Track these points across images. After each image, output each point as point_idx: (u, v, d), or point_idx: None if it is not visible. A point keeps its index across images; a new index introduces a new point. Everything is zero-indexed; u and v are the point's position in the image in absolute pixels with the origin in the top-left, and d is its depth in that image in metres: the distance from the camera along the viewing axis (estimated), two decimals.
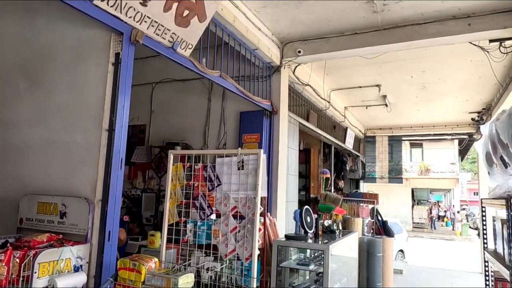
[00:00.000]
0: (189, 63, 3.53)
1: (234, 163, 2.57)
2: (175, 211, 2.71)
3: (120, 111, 2.75)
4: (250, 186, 2.49)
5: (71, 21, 3.06)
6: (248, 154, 2.55)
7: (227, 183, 2.61)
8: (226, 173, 2.61)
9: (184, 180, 2.74)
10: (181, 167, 2.77)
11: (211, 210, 2.63)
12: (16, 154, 3.15)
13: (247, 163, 2.53)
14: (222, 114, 5.56)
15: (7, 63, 3.39)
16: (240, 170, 2.54)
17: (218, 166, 2.65)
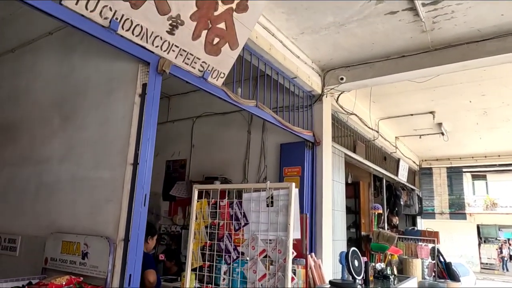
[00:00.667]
0: (222, 92, 3.36)
1: (262, 199, 2.28)
2: (198, 253, 2.44)
3: (145, 144, 2.59)
4: (280, 226, 2.17)
5: (104, 55, 3.04)
6: (278, 188, 2.24)
7: (255, 222, 2.30)
8: (254, 210, 2.31)
9: (208, 218, 2.48)
10: (206, 204, 2.52)
11: (237, 253, 2.32)
12: (47, 191, 3.09)
13: (277, 198, 2.22)
14: (262, 146, 5.32)
15: (46, 101, 3.43)
16: (269, 207, 2.24)
17: (245, 203, 2.37)
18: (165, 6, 2.57)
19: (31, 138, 3.40)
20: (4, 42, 4.11)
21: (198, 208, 2.50)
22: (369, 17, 3.84)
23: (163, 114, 6.63)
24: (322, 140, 4.90)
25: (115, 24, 2.39)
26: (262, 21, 3.82)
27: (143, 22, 2.53)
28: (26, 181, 3.29)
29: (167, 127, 6.52)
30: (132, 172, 2.57)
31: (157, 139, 6.53)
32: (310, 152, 4.87)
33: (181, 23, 2.72)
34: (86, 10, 2.25)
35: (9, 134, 3.63)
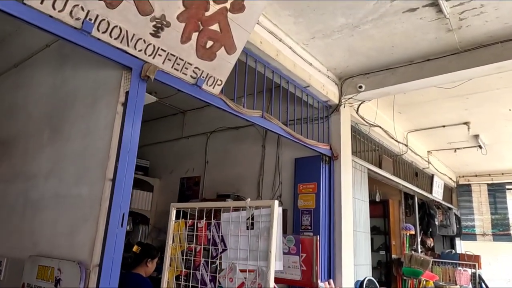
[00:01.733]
0: (220, 101, 3.08)
1: (242, 220, 1.93)
2: (174, 284, 2.11)
3: (124, 156, 2.33)
4: (261, 254, 1.80)
5: (91, 63, 2.85)
6: (259, 207, 1.89)
7: (233, 248, 1.95)
8: (233, 233, 1.97)
9: (185, 242, 2.16)
10: (183, 225, 2.21)
11: (214, 285, 1.97)
12: (33, 209, 2.89)
13: (258, 219, 1.87)
14: (277, 162, 4.97)
15: (39, 114, 3.28)
16: (249, 230, 1.89)
17: (224, 224, 2.03)
18: (147, 5, 2.34)
19: (24, 153, 3.25)
20: (9, 57, 4.06)
21: (176, 230, 2.19)
22: (385, 16, 3.47)
23: (178, 129, 6.46)
24: (340, 154, 4.49)
25: (89, 25, 2.18)
26: (267, 25, 3.55)
27: (122, 24, 2.31)
28: (15, 198, 3.12)
29: (182, 143, 6.33)
30: (110, 189, 2.30)
31: (171, 156, 6.36)
32: (327, 167, 4.47)
33: (166, 24, 2.48)
34: (54, 10, 2.05)
35: (5, 149, 3.51)
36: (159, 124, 6.88)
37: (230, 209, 1.95)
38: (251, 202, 1.92)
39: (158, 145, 6.68)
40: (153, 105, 6.10)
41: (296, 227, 4.39)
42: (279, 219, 1.81)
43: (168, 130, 6.62)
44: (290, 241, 3.24)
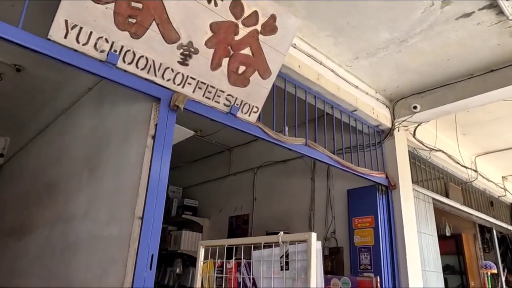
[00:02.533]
0: (257, 130, 2.88)
1: (275, 259, 1.62)
2: None
3: (152, 192, 2.16)
4: None
5: (126, 99, 2.81)
6: (294, 241, 1.57)
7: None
8: (266, 275, 1.66)
9: (214, 286, 1.87)
10: (212, 266, 1.94)
11: None
12: (69, 252, 2.80)
13: (294, 257, 1.55)
14: (328, 195, 4.60)
15: (80, 156, 3.29)
16: (284, 271, 1.56)
17: (256, 264, 1.73)
18: (172, 33, 2.26)
19: (66, 195, 3.23)
20: (60, 104, 4.24)
21: (204, 272, 1.93)
22: (435, 25, 3.14)
23: (225, 167, 6.34)
24: (398, 183, 4.03)
25: (114, 57, 2.12)
26: (305, 48, 3.36)
27: (148, 53, 2.23)
28: (56, 241, 3.07)
29: (229, 180, 6.18)
30: (140, 228, 2.13)
31: (219, 194, 6.20)
32: (384, 197, 4.01)
33: (194, 51, 2.38)
34: (78, 43, 2.02)
35: (52, 193, 3.55)
36: (206, 163, 6.83)
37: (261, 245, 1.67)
38: (285, 236, 1.62)
39: (206, 184, 6.58)
40: (199, 144, 6.11)
41: (354, 267, 3.92)
42: (319, 255, 1.48)
43: (215, 168, 6.53)
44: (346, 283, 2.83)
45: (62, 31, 1.95)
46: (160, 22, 2.20)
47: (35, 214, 3.75)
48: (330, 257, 4.28)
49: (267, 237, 1.70)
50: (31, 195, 4.14)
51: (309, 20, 3.11)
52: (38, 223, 3.59)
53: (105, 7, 2.01)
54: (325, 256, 4.35)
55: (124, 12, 2.07)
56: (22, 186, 4.61)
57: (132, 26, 2.12)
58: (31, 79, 4.34)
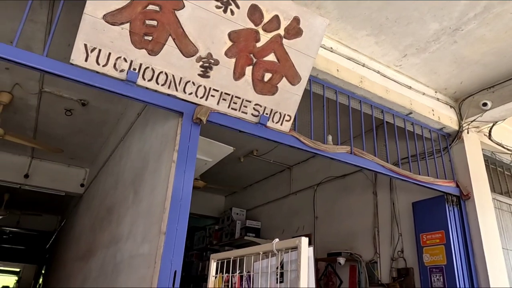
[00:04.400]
0: (292, 139, 2.72)
1: (272, 270, 1.41)
2: None
3: (175, 206, 2.11)
4: None
5: (161, 118, 2.87)
6: (288, 249, 1.34)
7: None
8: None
9: None
10: (220, 281, 1.77)
11: None
12: (115, 273, 2.87)
13: (287, 267, 1.33)
14: (393, 209, 4.18)
15: (128, 179, 3.42)
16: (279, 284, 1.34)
17: (255, 277, 1.53)
18: (190, 46, 2.26)
19: (118, 218, 3.36)
20: (119, 134, 4.52)
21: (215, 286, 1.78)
22: (491, 7, 2.74)
23: (286, 186, 6.17)
24: (472, 192, 3.50)
25: (133, 75, 2.17)
26: (343, 51, 3.15)
27: (167, 69, 2.25)
28: (108, 263, 3.18)
29: (291, 200, 5.98)
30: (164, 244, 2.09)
31: (281, 214, 6.04)
32: (456, 209, 3.51)
33: (214, 62, 2.34)
34: (98, 65, 2.10)
35: (109, 217, 3.72)
36: (268, 183, 6.73)
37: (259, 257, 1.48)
38: (279, 243, 1.41)
39: (269, 204, 6.46)
40: (259, 165, 6.06)
41: None
42: (311, 264, 1.26)
43: (276, 188, 6.40)
44: None
45: (82, 55, 2.05)
46: (176, 37, 2.21)
47: (98, 238, 3.96)
48: (398, 279, 3.83)
49: (263, 245, 1.52)
50: (96, 220, 4.41)
51: (343, 21, 2.93)
52: (99, 246, 3.78)
53: (121, 27, 2.08)
54: (393, 278, 3.91)
55: (140, 31, 2.12)
56: (92, 212, 4.94)
57: (148, 43, 2.16)
58: (96, 113, 4.72)
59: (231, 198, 7.92)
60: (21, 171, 6.29)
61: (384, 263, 4.09)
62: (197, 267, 7.12)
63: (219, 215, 7.51)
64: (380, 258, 4.15)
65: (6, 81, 4.14)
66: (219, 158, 3.34)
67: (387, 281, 3.95)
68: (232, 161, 5.84)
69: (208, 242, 7.18)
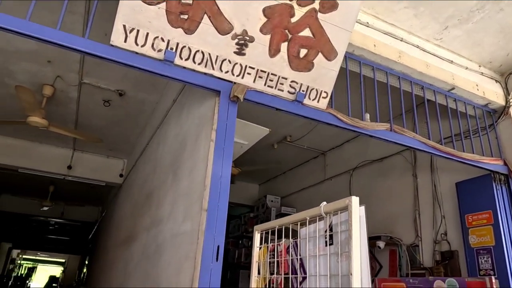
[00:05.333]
0: (329, 116, 2.66)
1: (320, 234, 1.38)
2: None
3: (216, 183, 2.13)
4: (343, 280, 1.18)
5: (197, 100, 2.89)
6: (337, 210, 1.30)
7: (313, 275, 1.38)
8: (312, 254, 1.41)
9: (267, 272, 1.68)
10: (265, 251, 1.76)
11: None
12: (157, 254, 2.94)
13: (337, 229, 1.29)
14: (434, 191, 4.03)
15: (166, 164, 3.48)
16: (329, 246, 1.31)
17: (302, 243, 1.49)
18: (225, 24, 2.25)
19: (157, 201, 3.44)
20: (155, 122, 4.62)
21: (260, 258, 1.77)
22: None
23: (321, 172, 6.11)
24: None
25: (171, 54, 2.19)
26: (380, 26, 3.05)
27: (204, 47, 2.26)
28: (150, 244, 3.26)
29: (326, 185, 5.91)
30: (206, 221, 2.11)
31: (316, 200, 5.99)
32: (504, 188, 3.34)
33: (250, 39, 2.32)
34: (137, 45, 2.14)
35: (149, 202, 3.82)
36: (302, 170, 6.68)
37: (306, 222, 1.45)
38: (327, 206, 1.38)
39: (303, 191, 6.42)
40: (293, 151, 6.02)
41: (473, 273, 3.30)
42: (363, 223, 1.21)
43: (311, 174, 6.34)
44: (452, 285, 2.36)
45: (121, 36, 2.09)
46: (211, 15, 2.21)
47: (138, 223, 4.08)
48: (442, 262, 3.70)
49: (310, 210, 1.50)
50: (136, 207, 4.54)
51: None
52: (139, 230, 3.89)
53: (157, 7, 2.10)
54: (437, 261, 3.78)
55: (176, 10, 2.13)
56: (131, 200, 5.10)
57: (184, 22, 2.17)
58: (132, 103, 4.84)
59: (265, 186, 7.93)
60: (65, 162, 6.57)
61: (426, 247, 3.96)
62: (233, 254, 7.21)
63: (253, 203, 7.55)
64: (422, 242, 4.03)
65: (49, 74, 4.32)
66: (254, 141, 3.33)
67: (430, 264, 3.83)
68: (265, 148, 5.84)
69: (243, 230, 7.24)
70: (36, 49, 3.81)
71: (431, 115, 3.23)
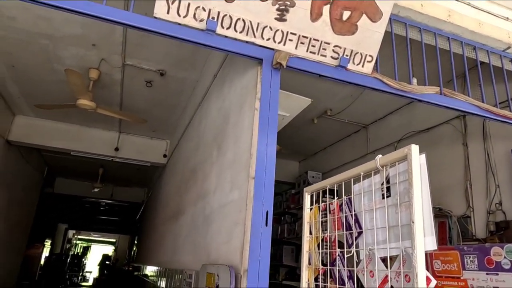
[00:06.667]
0: (374, 81, 2.57)
1: (376, 188, 1.33)
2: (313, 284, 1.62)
3: (262, 151, 2.14)
4: (403, 229, 1.14)
5: (240, 72, 2.89)
6: (394, 162, 1.24)
7: (370, 228, 1.34)
8: (368, 208, 1.37)
9: (319, 231, 1.66)
10: (317, 211, 1.74)
11: (352, 283, 1.37)
12: (206, 224, 3.03)
13: (395, 180, 1.23)
14: (488, 160, 3.83)
15: (210, 138, 3.54)
16: (386, 199, 1.26)
17: (357, 199, 1.46)
18: None
19: (203, 176, 3.52)
20: (196, 100, 4.69)
21: (311, 219, 1.75)
22: None
23: (363, 146, 5.98)
24: None
25: (212, 24, 2.19)
26: None
27: (244, 15, 2.24)
28: (197, 217, 3.36)
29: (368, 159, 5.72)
30: (254, 188, 2.13)
31: None
32: None
33: (290, 4, 2.27)
34: (179, 16, 2.15)
35: (194, 177, 3.92)
36: (343, 145, 6.58)
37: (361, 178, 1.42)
38: (383, 158, 1.33)
39: (345, 166, 6.31)
40: (334, 126, 5.92)
41: None
42: (424, 171, 1.16)
43: (352, 148, 6.23)
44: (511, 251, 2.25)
45: (164, 7, 2.11)
46: None
47: (184, 198, 4.21)
48: (497, 233, 3.54)
49: (365, 165, 1.46)
50: (182, 183, 4.68)
51: None
52: (186, 205, 4.01)
53: None
54: (491, 232, 3.62)
55: None
56: (176, 178, 5.26)
57: None
58: (173, 82, 4.94)
59: (305, 163, 7.90)
60: (112, 145, 6.87)
61: (478, 218, 3.80)
62: (276, 230, 7.30)
63: (294, 180, 7.55)
64: (474, 213, 3.86)
65: (93, 57, 4.48)
66: (296, 112, 3.30)
67: (483, 235, 3.68)
68: (305, 123, 5.79)
69: (285, 206, 7.29)
70: (81, 33, 3.96)
71: (484, 78, 3.04)
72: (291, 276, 6.51)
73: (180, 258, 3.94)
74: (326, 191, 1.67)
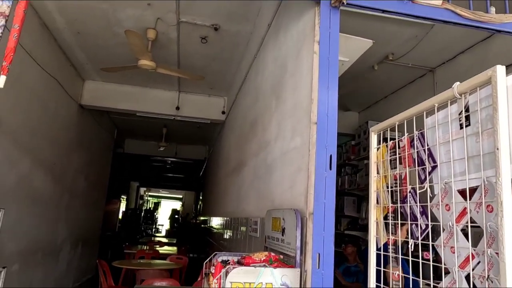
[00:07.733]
0: (445, 13, 2.34)
1: (453, 118, 1.22)
2: (382, 224, 1.59)
3: (323, 95, 2.09)
4: (485, 158, 1.04)
5: (294, 19, 2.80)
6: (474, 88, 1.11)
7: (445, 161, 1.25)
8: (442, 141, 1.27)
9: (388, 170, 1.60)
10: (385, 150, 1.66)
11: (426, 219, 1.31)
12: (268, 173, 3.09)
13: (476, 108, 1.12)
14: None
15: (267, 89, 3.53)
16: (464, 129, 1.15)
17: (430, 133, 1.35)
18: None
19: (263, 127, 3.55)
20: (251, 53, 4.65)
21: (378, 159, 1.70)
22: None
23: (429, 92, 5.60)
24: None
25: None
26: None
27: None
28: (259, 167, 3.44)
29: None
30: (317, 133, 2.12)
31: None
32: None
33: None
34: None
35: (254, 129, 3.97)
36: (407, 92, 6.22)
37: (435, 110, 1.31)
38: (462, 85, 1.22)
39: None
40: (396, 71, 5.59)
41: None
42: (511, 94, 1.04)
43: (417, 95, 5.86)
44: None
45: None
46: None
47: (245, 150, 4.31)
48: None
49: (439, 95, 1.36)
50: (241, 137, 4.78)
51: None
52: (248, 156, 4.11)
53: None
54: None
55: None
56: (235, 132, 5.37)
57: None
58: (227, 36, 4.91)
59: (365, 113, 7.63)
60: (173, 104, 7.14)
61: None
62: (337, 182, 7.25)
63: (353, 131, 7.37)
64: None
65: (149, 17, 4.57)
66: (356, 56, 3.14)
67: None
68: (365, 71, 5.52)
69: (345, 158, 7.20)
70: None
71: None
72: (353, 226, 6.55)
73: (245, 208, 4.11)
74: (394, 129, 1.60)
